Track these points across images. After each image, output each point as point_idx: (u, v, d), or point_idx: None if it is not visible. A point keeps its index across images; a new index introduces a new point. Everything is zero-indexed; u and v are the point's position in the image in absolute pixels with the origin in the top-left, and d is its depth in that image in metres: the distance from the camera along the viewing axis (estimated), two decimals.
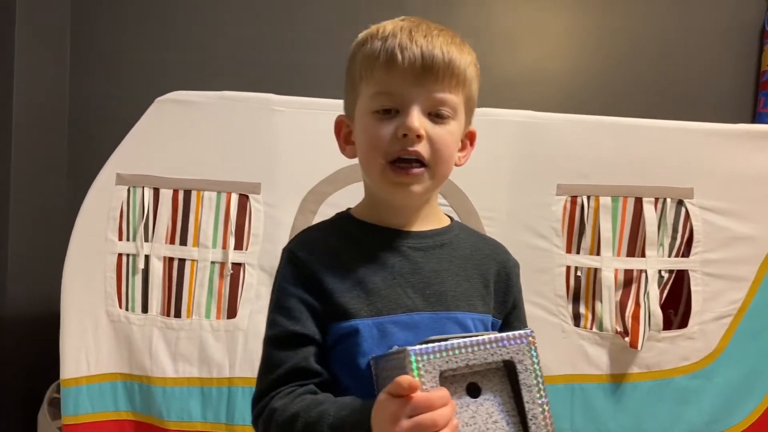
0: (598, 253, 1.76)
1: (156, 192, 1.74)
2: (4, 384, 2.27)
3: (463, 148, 0.93)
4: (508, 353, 0.72)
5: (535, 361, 0.73)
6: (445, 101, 0.84)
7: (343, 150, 0.94)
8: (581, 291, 1.77)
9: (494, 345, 0.72)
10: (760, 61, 2.59)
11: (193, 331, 1.72)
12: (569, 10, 2.62)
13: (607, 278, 1.75)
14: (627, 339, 1.71)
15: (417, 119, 0.82)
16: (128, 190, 1.74)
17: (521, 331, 0.73)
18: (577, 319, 1.76)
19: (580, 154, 1.76)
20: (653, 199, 1.76)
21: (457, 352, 0.70)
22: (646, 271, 1.75)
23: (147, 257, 1.74)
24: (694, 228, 1.75)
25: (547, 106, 1.96)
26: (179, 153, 1.75)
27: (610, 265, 1.76)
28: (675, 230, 1.76)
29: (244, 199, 1.75)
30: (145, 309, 1.73)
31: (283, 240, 1.73)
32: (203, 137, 1.75)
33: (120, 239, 1.74)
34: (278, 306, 0.86)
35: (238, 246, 1.74)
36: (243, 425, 1.69)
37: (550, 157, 1.77)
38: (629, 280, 1.76)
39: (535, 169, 1.76)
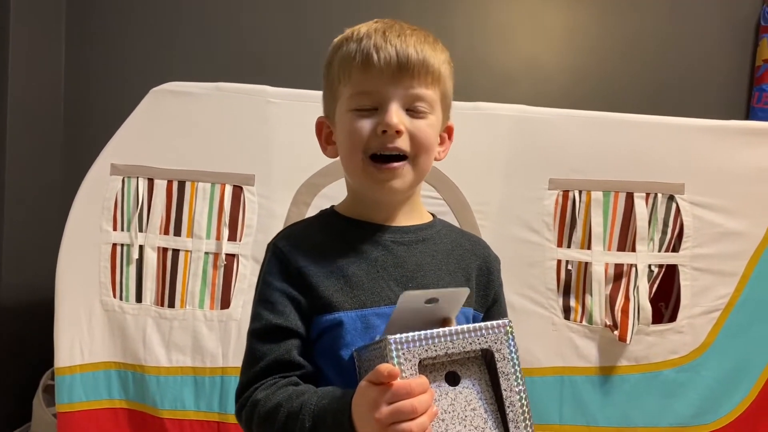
0: (588, 248, 1.77)
1: (150, 182, 1.75)
2: None
3: (441, 143, 0.95)
4: (486, 342, 0.73)
5: (513, 350, 0.74)
6: (422, 97, 0.86)
7: (324, 150, 0.96)
8: (572, 284, 1.78)
9: (473, 334, 0.73)
10: (755, 56, 2.60)
11: (186, 321, 1.73)
12: (565, 5, 2.62)
13: (598, 272, 1.76)
14: (616, 332, 1.73)
15: (395, 115, 0.84)
16: (123, 181, 1.75)
17: (499, 321, 0.75)
18: (567, 312, 1.78)
19: (573, 148, 1.77)
20: (644, 194, 1.77)
21: (436, 341, 0.71)
22: (636, 266, 1.76)
23: (141, 247, 1.75)
24: (685, 223, 1.76)
25: (542, 100, 1.96)
26: (174, 144, 1.75)
27: (601, 259, 1.77)
28: (665, 225, 1.77)
29: (238, 191, 1.76)
30: (139, 299, 1.75)
31: (277, 231, 1.74)
32: (198, 128, 1.76)
33: (114, 229, 1.75)
34: (262, 300, 0.87)
35: (232, 237, 1.75)
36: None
37: (543, 151, 1.77)
38: (619, 274, 1.77)
39: (528, 163, 1.77)
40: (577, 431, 1.75)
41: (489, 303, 0.96)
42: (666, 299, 1.89)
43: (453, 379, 0.74)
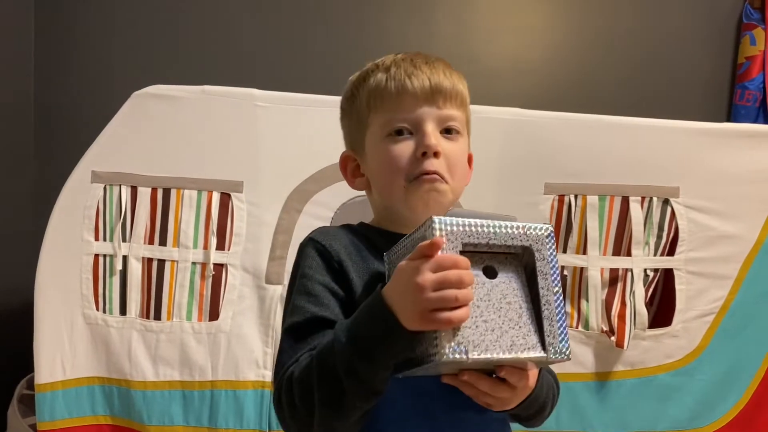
0: (584, 252, 1.75)
1: (134, 190, 1.69)
2: None
3: None
4: (528, 241, 0.73)
5: (553, 252, 0.75)
6: (455, 117, 0.90)
7: (351, 184, 0.97)
8: (567, 290, 1.77)
9: (516, 230, 0.73)
10: (737, 54, 2.61)
11: (173, 334, 1.68)
12: (549, 5, 2.60)
13: (594, 277, 1.74)
14: (613, 338, 1.71)
15: (434, 136, 0.86)
16: (104, 189, 1.68)
17: (541, 224, 0.75)
18: None
19: (568, 152, 1.75)
20: (640, 198, 1.75)
21: (481, 229, 0.71)
22: (632, 270, 1.75)
23: (125, 258, 1.69)
24: (680, 227, 1.75)
25: (527, 100, 1.94)
26: (158, 150, 1.69)
27: (597, 264, 1.75)
28: (661, 229, 1.76)
29: (225, 198, 1.70)
30: (123, 311, 1.69)
31: (267, 240, 1.70)
32: (183, 133, 1.69)
33: (96, 239, 1.69)
34: (303, 292, 0.84)
35: (220, 246, 1.70)
36: (226, 429, 1.66)
37: (538, 155, 1.75)
38: (615, 278, 1.76)
39: (523, 167, 1.75)
40: None
41: None
42: (660, 303, 1.88)
43: (490, 273, 0.74)
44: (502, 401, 0.75)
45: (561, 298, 0.73)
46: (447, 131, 0.89)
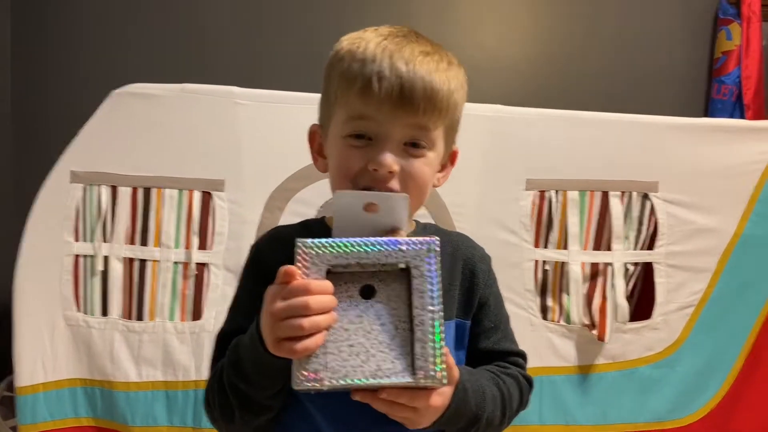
0: (565, 247, 1.77)
1: (114, 190, 1.67)
2: None
3: (442, 169, 0.89)
4: (405, 257, 0.69)
5: (433, 268, 0.69)
6: (423, 133, 0.80)
7: (315, 161, 0.90)
8: (549, 284, 1.78)
9: (390, 247, 0.69)
10: (713, 49, 2.64)
11: (156, 334, 1.67)
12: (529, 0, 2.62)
13: (575, 272, 1.76)
14: (594, 332, 1.74)
15: (390, 155, 0.78)
16: (84, 189, 1.66)
17: (424, 238, 0.70)
18: (544, 312, 1.77)
19: (549, 148, 1.76)
20: (619, 193, 1.77)
21: (347, 249, 0.68)
22: (612, 264, 1.77)
23: (106, 258, 1.67)
24: (659, 221, 1.78)
25: (508, 96, 1.95)
26: (138, 149, 1.68)
27: (577, 258, 1.77)
28: (640, 223, 1.78)
29: (207, 197, 1.69)
30: (104, 312, 1.67)
31: (249, 239, 1.70)
32: (163, 132, 1.68)
33: (76, 240, 1.67)
34: (235, 302, 0.87)
35: (202, 245, 1.69)
36: (210, 428, 1.65)
37: (519, 151, 1.76)
38: (596, 273, 1.78)
39: (505, 163, 1.76)
40: (557, 431, 1.76)
41: (475, 308, 0.90)
42: (640, 296, 1.90)
43: (368, 293, 0.70)
44: (410, 420, 0.72)
45: (437, 316, 0.68)
46: (412, 144, 0.80)
